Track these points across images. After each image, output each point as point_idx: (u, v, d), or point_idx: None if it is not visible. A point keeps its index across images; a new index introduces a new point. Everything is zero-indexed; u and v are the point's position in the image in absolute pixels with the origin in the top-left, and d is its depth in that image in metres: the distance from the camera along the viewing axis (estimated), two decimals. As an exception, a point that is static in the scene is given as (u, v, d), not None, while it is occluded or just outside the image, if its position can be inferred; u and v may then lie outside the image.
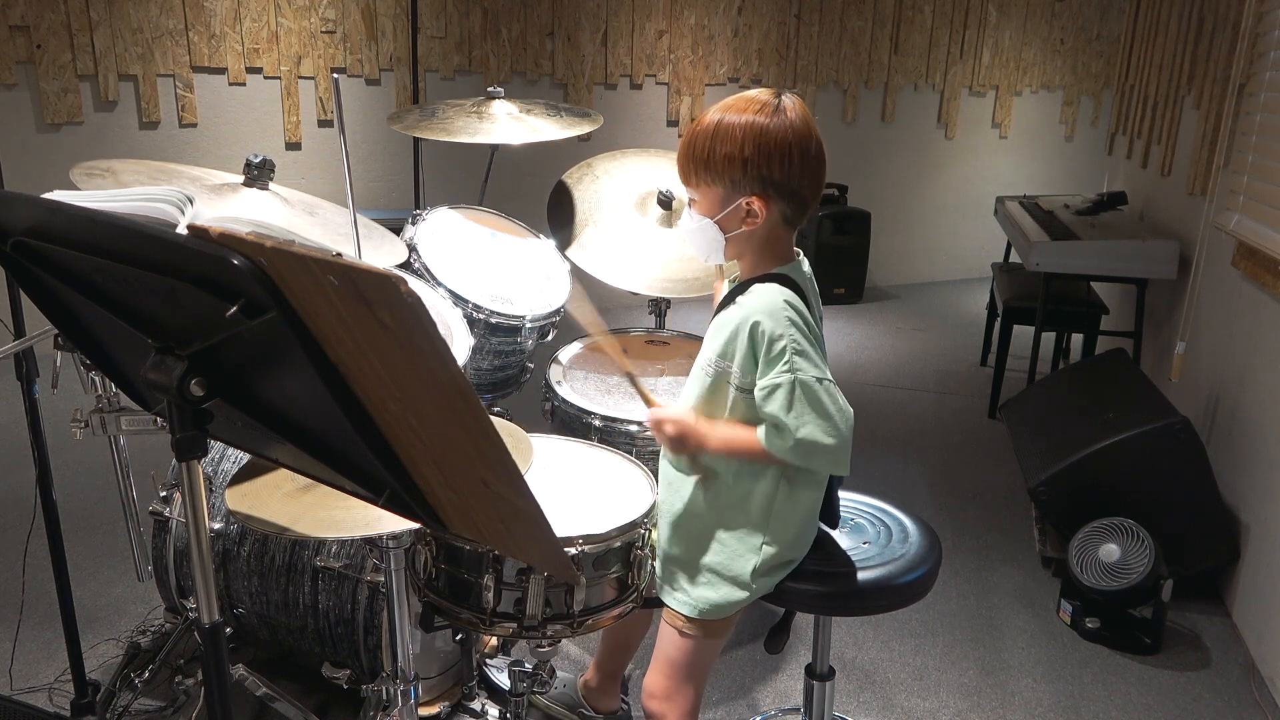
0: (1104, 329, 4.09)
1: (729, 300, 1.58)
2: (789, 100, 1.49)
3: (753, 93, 1.50)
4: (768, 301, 1.50)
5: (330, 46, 4.74)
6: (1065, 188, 6.36)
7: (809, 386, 1.45)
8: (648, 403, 1.67)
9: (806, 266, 1.60)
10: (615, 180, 2.56)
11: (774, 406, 1.47)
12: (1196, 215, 3.43)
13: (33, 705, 2.08)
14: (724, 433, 1.57)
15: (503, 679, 2.15)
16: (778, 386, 1.46)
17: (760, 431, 1.52)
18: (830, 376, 1.49)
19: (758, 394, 1.49)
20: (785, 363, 1.46)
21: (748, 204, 1.50)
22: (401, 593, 1.61)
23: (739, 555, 1.60)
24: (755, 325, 1.48)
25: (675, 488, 1.66)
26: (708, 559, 1.62)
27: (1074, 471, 2.73)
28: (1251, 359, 2.80)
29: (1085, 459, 2.72)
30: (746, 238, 1.54)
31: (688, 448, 1.59)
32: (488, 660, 2.22)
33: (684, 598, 1.64)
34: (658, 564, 1.69)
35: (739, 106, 1.48)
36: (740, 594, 1.60)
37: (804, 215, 1.55)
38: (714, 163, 1.48)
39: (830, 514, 1.70)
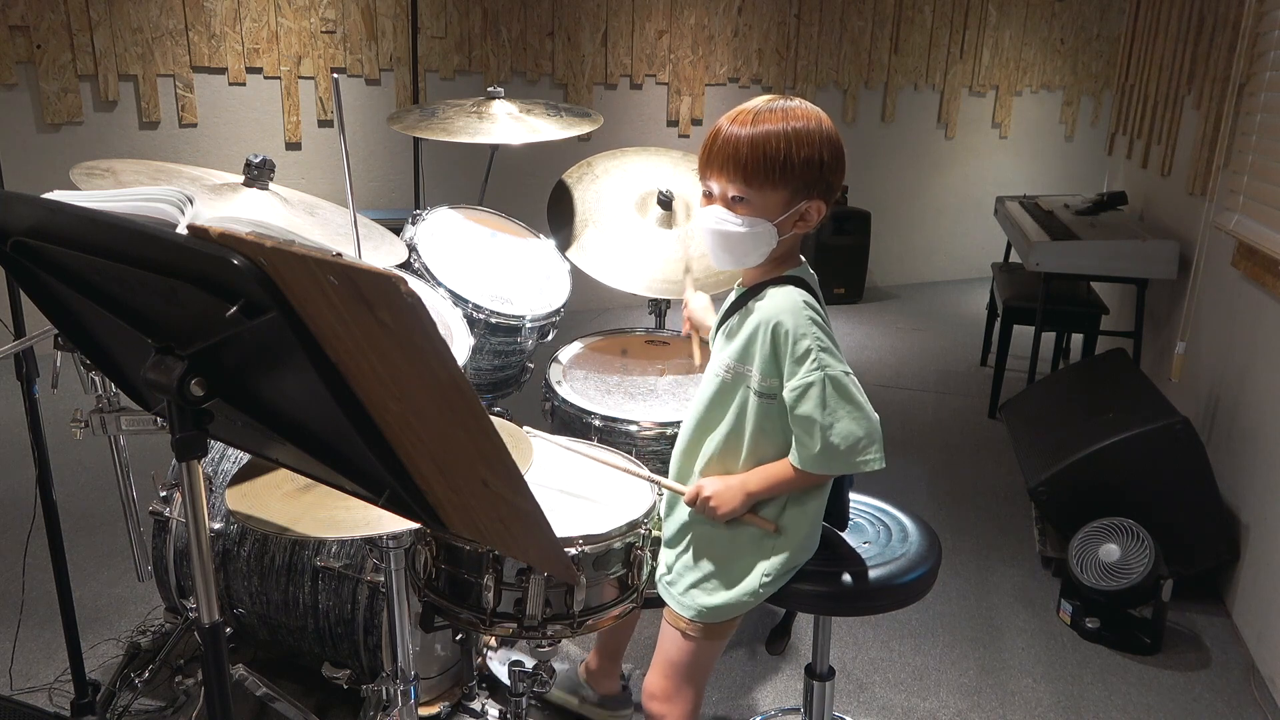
0: (1104, 329, 4.09)
1: (739, 305, 1.58)
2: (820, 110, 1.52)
3: (791, 101, 1.50)
4: (787, 303, 1.50)
5: (330, 46, 4.74)
6: (1065, 188, 6.36)
7: (839, 381, 1.47)
8: (679, 492, 1.65)
9: (811, 270, 1.61)
10: (615, 180, 2.56)
11: (808, 406, 1.47)
12: (1196, 215, 3.43)
13: (33, 705, 2.08)
14: (757, 479, 1.56)
15: (502, 673, 2.15)
16: (810, 385, 1.46)
17: (792, 456, 1.52)
18: (852, 371, 1.50)
19: (788, 396, 1.49)
20: (813, 360, 1.46)
21: (808, 208, 1.51)
22: (401, 593, 1.61)
23: (746, 560, 1.60)
24: (778, 326, 1.49)
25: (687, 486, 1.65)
26: (714, 563, 1.62)
27: (1074, 471, 2.73)
28: (1251, 359, 2.80)
29: (1085, 459, 2.72)
30: (787, 241, 1.55)
31: (737, 512, 1.57)
32: (489, 654, 2.22)
33: (688, 600, 1.64)
34: (661, 565, 1.69)
35: (798, 114, 1.48)
36: (745, 598, 1.60)
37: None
38: (791, 165, 1.47)
39: (839, 516, 1.69)
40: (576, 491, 1.74)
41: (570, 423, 2.14)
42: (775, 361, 1.50)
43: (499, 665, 2.18)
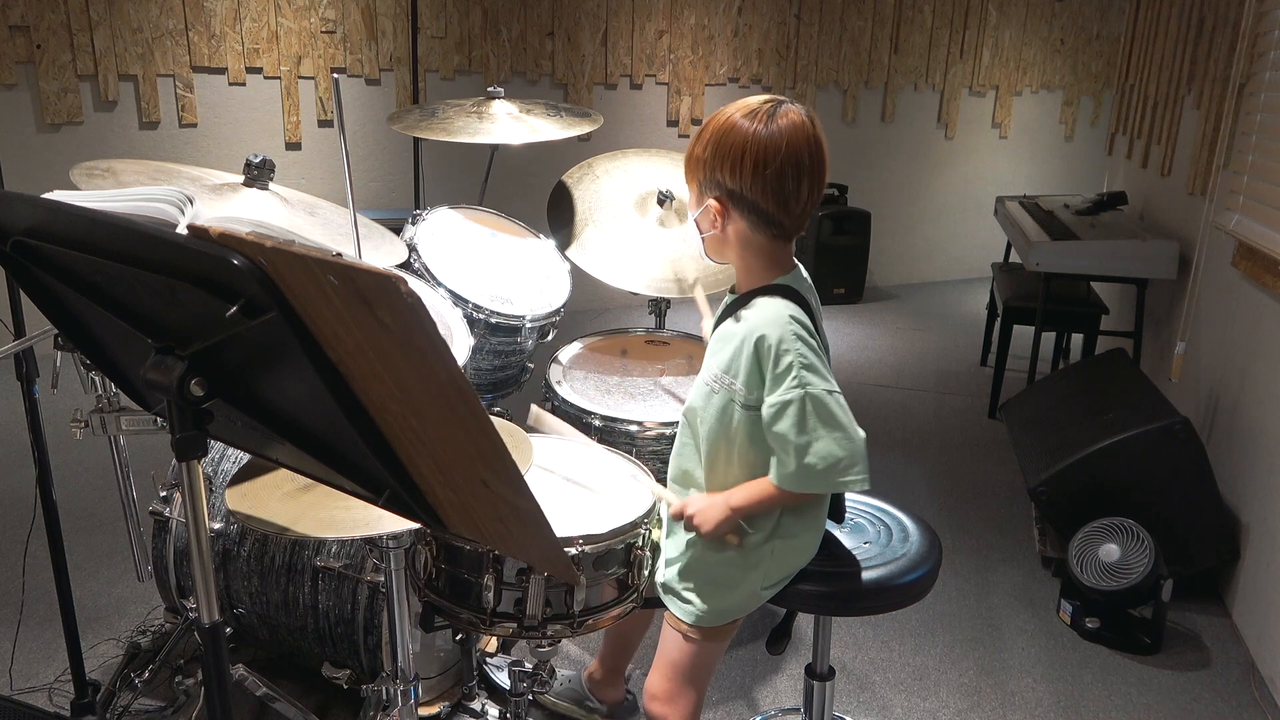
0: (1104, 329, 4.09)
1: (730, 313, 1.57)
2: (784, 109, 1.45)
3: (755, 98, 1.49)
4: (772, 315, 1.48)
5: (330, 46, 4.73)
6: (1065, 188, 6.36)
7: (819, 400, 1.44)
8: (669, 503, 1.65)
9: (805, 275, 1.58)
10: (615, 180, 2.56)
11: (784, 425, 1.45)
12: (1196, 215, 3.43)
13: (33, 705, 2.08)
14: (740, 496, 1.55)
15: (502, 678, 2.15)
16: (788, 404, 1.44)
17: (771, 474, 1.51)
18: (839, 389, 1.47)
19: (766, 412, 1.47)
20: (794, 378, 1.44)
21: (710, 208, 1.51)
22: (401, 593, 1.61)
23: (746, 564, 1.60)
24: (760, 340, 1.46)
25: (681, 497, 1.65)
26: (714, 566, 1.62)
27: (1074, 471, 2.73)
28: (1251, 359, 2.80)
29: (1085, 459, 2.72)
30: (721, 242, 1.54)
31: (721, 529, 1.56)
32: (488, 659, 2.22)
33: (688, 605, 1.63)
34: (661, 567, 1.69)
35: (732, 108, 1.48)
36: (745, 601, 1.60)
37: (780, 227, 1.49)
38: (690, 160, 1.51)
39: (836, 510, 1.69)
40: (576, 492, 1.74)
41: (570, 423, 2.14)
42: (759, 374, 1.48)
43: (497, 670, 2.19)
